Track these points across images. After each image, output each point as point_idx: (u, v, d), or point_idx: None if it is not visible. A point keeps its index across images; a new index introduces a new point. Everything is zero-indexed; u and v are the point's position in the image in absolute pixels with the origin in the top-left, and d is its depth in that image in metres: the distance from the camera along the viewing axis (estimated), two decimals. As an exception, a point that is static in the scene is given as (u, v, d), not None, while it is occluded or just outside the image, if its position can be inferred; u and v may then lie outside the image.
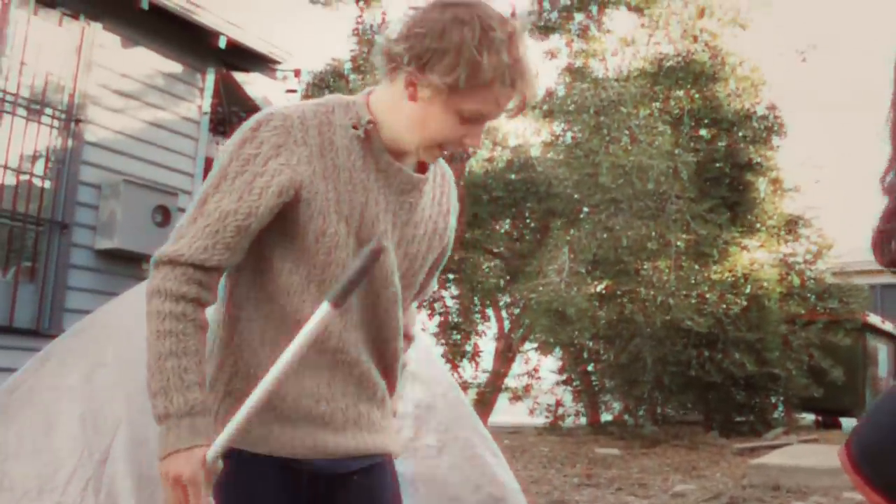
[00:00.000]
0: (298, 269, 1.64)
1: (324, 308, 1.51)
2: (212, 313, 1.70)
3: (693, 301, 11.59)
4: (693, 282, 11.83)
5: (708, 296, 11.79)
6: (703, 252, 12.35)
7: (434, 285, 2.02)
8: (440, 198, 1.84)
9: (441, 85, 1.54)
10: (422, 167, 1.76)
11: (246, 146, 1.60)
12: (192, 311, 1.58)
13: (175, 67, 7.49)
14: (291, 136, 1.59)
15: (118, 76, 7.00)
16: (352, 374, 1.73)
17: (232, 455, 1.57)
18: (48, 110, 6.52)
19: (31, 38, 6.40)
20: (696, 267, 12.20)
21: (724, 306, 11.86)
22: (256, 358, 1.67)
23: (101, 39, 6.85)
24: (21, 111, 6.33)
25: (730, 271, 12.78)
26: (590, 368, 15.08)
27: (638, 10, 14.52)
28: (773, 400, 13.91)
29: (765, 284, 12.80)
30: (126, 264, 6.73)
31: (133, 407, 3.07)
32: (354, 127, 1.65)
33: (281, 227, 1.63)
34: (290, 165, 1.58)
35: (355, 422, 1.76)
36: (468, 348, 14.46)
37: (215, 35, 7.33)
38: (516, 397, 14.85)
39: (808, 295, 14.05)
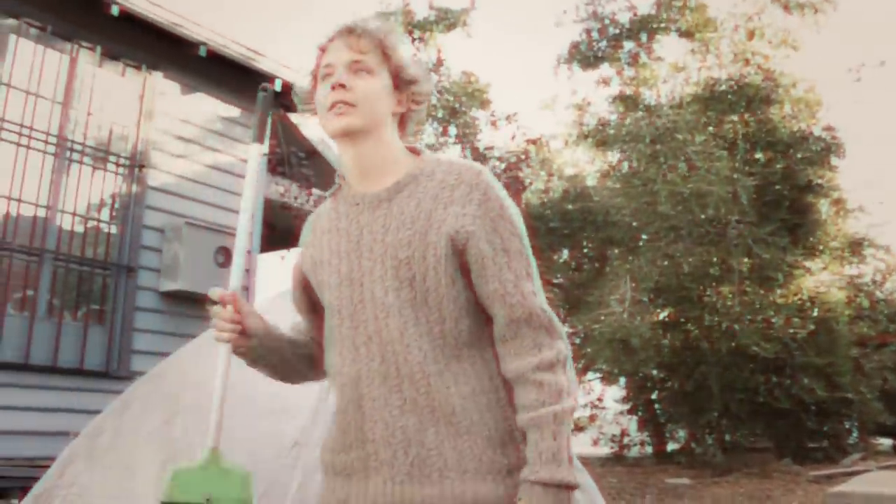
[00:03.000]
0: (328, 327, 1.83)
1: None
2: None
3: (759, 326, 11.35)
4: (758, 306, 11.59)
5: (774, 320, 11.55)
6: (766, 276, 12.10)
7: (516, 284, 1.60)
8: (437, 192, 1.66)
9: None
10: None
11: None
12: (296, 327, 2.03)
13: (233, 111, 7.65)
14: (306, 229, 1.90)
15: (178, 122, 7.18)
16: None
17: None
18: (113, 158, 6.70)
19: (96, 89, 6.61)
20: (761, 291, 11.96)
21: (791, 331, 11.58)
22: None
23: (161, 87, 7.04)
24: (87, 160, 6.52)
25: (795, 295, 12.51)
26: (654, 397, 14.83)
27: (688, 34, 14.44)
28: (847, 425, 13.50)
29: (833, 307, 12.48)
30: (190, 305, 6.83)
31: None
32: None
33: None
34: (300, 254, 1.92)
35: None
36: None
37: (271, 79, 7.46)
38: (579, 428, 14.64)
39: (879, 317, 13.65)
